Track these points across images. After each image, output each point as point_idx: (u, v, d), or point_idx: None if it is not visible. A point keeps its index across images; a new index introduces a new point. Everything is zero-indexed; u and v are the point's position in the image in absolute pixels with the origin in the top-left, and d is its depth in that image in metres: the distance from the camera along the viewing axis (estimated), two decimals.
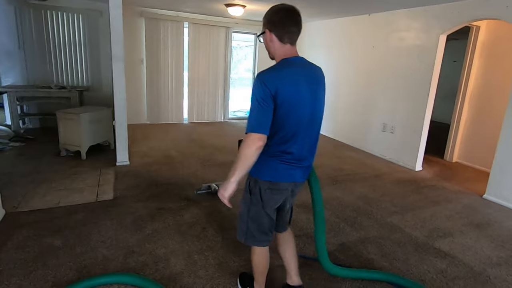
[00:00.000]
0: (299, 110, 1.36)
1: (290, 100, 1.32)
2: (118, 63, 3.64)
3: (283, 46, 1.39)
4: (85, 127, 3.92)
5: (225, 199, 1.39)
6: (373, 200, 3.27)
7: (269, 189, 1.45)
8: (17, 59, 5.13)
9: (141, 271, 2.00)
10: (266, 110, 1.29)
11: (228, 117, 7.00)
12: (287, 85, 1.31)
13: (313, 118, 1.43)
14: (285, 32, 1.36)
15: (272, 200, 1.49)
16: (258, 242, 1.58)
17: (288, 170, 1.43)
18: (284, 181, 1.46)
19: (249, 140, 1.29)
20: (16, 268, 1.95)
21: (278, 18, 1.36)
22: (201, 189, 3.16)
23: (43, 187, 3.11)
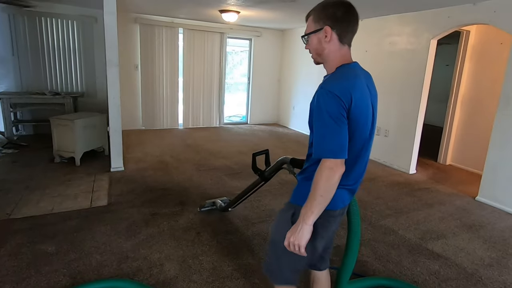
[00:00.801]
0: (365, 127, 1.14)
1: (360, 116, 1.09)
2: (113, 69, 3.65)
3: (341, 48, 1.13)
4: (79, 133, 3.92)
5: (301, 249, 1.08)
6: (367, 203, 3.30)
7: (331, 218, 1.21)
8: (11, 66, 5.12)
9: (135, 276, 1.99)
10: (342, 128, 1.04)
11: (223, 122, 7.02)
12: (360, 99, 1.08)
13: (371, 135, 1.20)
14: (349, 30, 1.11)
15: (327, 230, 1.23)
16: (286, 282, 1.31)
17: (343, 194, 1.20)
18: (339, 207, 1.21)
19: (331, 168, 1.02)
20: (9, 275, 1.94)
21: (341, 12, 1.10)
22: (205, 206, 2.92)
23: (37, 194, 3.09)
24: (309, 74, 6.39)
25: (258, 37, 6.93)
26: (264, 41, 7.02)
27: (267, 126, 7.22)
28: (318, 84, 1.13)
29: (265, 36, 7.00)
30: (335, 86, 1.05)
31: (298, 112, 6.84)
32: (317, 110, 1.06)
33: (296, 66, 6.80)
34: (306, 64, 6.45)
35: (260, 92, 7.25)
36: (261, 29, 6.89)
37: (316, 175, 1.05)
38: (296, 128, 6.94)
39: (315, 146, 1.08)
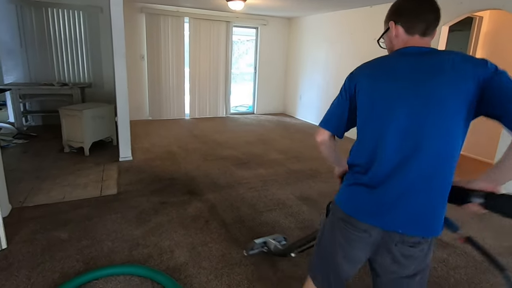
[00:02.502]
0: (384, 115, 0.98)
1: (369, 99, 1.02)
2: (120, 59, 3.65)
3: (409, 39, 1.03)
4: (88, 124, 3.95)
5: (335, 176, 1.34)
6: None
7: (341, 220, 1.07)
8: (19, 57, 5.16)
9: (146, 262, 2.03)
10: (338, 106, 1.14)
11: (230, 112, 7.01)
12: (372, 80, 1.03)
13: (420, 133, 0.94)
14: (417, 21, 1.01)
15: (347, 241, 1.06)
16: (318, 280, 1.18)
17: (368, 200, 1.01)
18: (360, 216, 1.03)
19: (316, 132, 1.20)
20: (25, 260, 1.99)
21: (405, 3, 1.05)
22: (254, 248, 2.13)
23: (48, 183, 3.15)
24: (316, 63, 6.31)
25: (264, 25, 6.84)
26: (270, 29, 6.93)
27: (273, 116, 7.19)
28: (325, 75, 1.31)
29: (272, 24, 6.91)
30: (355, 70, 1.11)
31: (305, 101, 6.79)
32: None
33: (303, 55, 6.72)
34: (313, 53, 6.37)
35: (266, 82, 7.20)
36: (268, 18, 6.80)
37: None
38: (303, 118, 6.90)
39: None
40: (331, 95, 5.87)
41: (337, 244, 1.09)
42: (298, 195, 3.13)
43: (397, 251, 1.01)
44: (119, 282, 1.85)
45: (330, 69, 5.89)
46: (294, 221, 2.64)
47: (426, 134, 0.93)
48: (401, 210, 0.98)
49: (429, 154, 0.94)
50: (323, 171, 3.77)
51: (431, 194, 0.97)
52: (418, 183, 0.96)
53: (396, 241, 1.00)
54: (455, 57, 0.93)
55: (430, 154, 0.94)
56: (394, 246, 1.00)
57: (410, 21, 1.01)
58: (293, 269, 2.04)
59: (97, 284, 1.82)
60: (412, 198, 0.96)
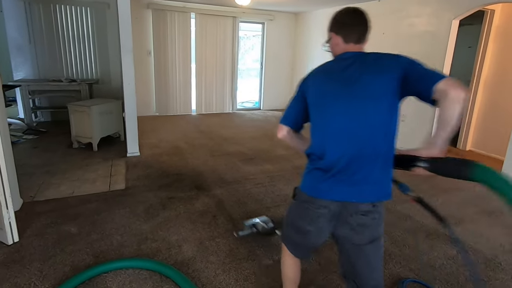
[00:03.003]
0: (328, 107, 1.19)
1: (316, 97, 1.24)
2: (127, 55, 3.66)
3: (346, 46, 1.26)
4: (96, 119, 3.99)
5: None
6: None
7: (304, 201, 1.26)
8: (28, 54, 5.21)
9: (154, 256, 2.05)
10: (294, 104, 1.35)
11: (236, 108, 7.01)
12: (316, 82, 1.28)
13: (359, 118, 1.13)
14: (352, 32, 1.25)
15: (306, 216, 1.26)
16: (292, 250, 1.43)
17: (325, 181, 1.18)
18: (321, 196, 1.20)
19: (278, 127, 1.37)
20: (37, 253, 2.03)
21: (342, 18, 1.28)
22: (244, 230, 2.30)
23: (58, 178, 3.19)
24: (323, 58, 6.23)
25: (271, 20, 6.80)
26: (277, 25, 6.88)
27: (280, 111, 7.15)
28: None
29: (278, 19, 6.86)
30: (306, 76, 1.33)
31: None
32: None
33: (310, 50, 6.66)
34: (320, 48, 6.31)
35: (273, 77, 7.17)
36: (274, 13, 6.75)
37: None
38: None
39: None
40: None
41: (303, 221, 1.28)
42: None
43: (353, 221, 1.19)
44: (128, 275, 1.88)
45: None
46: None
47: (364, 118, 1.14)
48: (352, 183, 1.16)
49: (369, 133, 1.14)
50: None
51: (375, 167, 1.16)
52: (363, 158, 1.14)
53: (352, 211, 1.18)
54: (376, 55, 1.21)
55: (369, 132, 1.14)
56: (350, 217, 1.19)
57: (346, 33, 1.24)
58: None
59: (107, 277, 1.85)
60: (360, 172, 1.15)
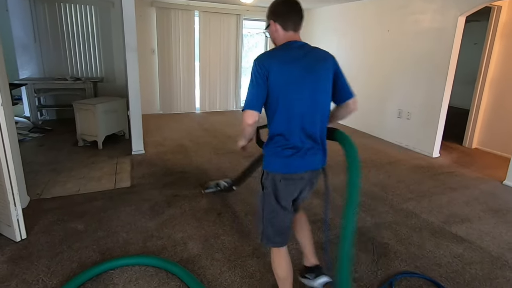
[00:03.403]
0: (292, 89, 1.33)
1: (281, 79, 1.32)
2: (132, 53, 3.67)
3: (285, 34, 1.41)
4: (101, 117, 4.01)
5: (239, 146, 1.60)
6: (388, 186, 3.25)
7: (284, 179, 1.39)
8: (33, 52, 5.25)
9: (160, 253, 2.06)
10: (258, 88, 1.33)
11: (240, 106, 7.00)
12: (279, 65, 1.33)
13: (316, 99, 1.37)
14: (289, 20, 1.40)
15: (287, 191, 1.42)
16: (274, 243, 1.51)
17: (297, 158, 1.37)
18: (297, 171, 1.40)
19: (244, 116, 1.36)
20: (44, 250, 2.05)
21: (280, 7, 1.42)
22: (209, 188, 2.93)
23: (64, 176, 3.22)
24: None
25: None
26: None
27: None
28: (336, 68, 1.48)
29: None
30: (260, 58, 1.36)
31: None
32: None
33: None
34: (324, 46, 6.27)
35: None
36: None
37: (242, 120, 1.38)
38: None
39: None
40: None
41: (285, 199, 1.43)
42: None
43: (314, 182, 1.52)
44: (134, 272, 1.89)
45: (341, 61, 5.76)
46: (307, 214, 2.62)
47: (318, 101, 1.38)
48: (315, 154, 1.42)
49: (320, 114, 1.40)
50: (333, 164, 3.73)
51: (324, 140, 1.46)
52: (318, 134, 1.41)
53: (316, 175, 1.49)
54: (319, 49, 1.45)
55: (321, 114, 1.40)
56: (314, 180, 1.50)
57: (284, 21, 1.39)
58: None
59: (114, 274, 1.86)
60: (318, 144, 1.43)
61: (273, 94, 1.33)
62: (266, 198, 1.45)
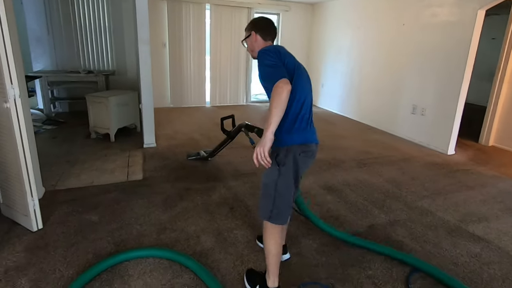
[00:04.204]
0: (299, 74, 1.53)
1: (291, 63, 1.52)
2: (144, 46, 3.67)
3: (265, 43, 1.68)
4: (114, 110, 4.03)
5: (265, 153, 1.37)
6: (402, 183, 3.20)
7: (303, 152, 1.52)
8: (47, 45, 5.29)
9: (174, 246, 2.07)
10: (281, 66, 1.45)
11: (250, 100, 6.98)
12: (284, 52, 1.56)
13: (309, 90, 1.61)
14: (268, 33, 1.69)
15: (305, 164, 1.57)
16: (282, 220, 1.57)
17: (309, 130, 1.57)
18: (314, 141, 1.59)
19: (280, 86, 1.37)
20: (60, 240, 2.07)
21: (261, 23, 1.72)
22: (191, 156, 3.57)
23: (77, 168, 3.26)
24: (339, 50, 6.13)
25: (286, 11, 6.69)
26: (292, 15, 6.77)
27: None
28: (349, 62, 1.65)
29: (294, 10, 6.74)
30: (266, 48, 1.54)
31: (328, 90, 6.65)
32: (261, 66, 1.50)
33: (326, 42, 6.54)
34: (337, 40, 6.19)
35: None
36: (290, 3, 6.63)
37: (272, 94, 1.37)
38: (324, 107, 6.77)
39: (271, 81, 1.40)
40: (355, 83, 5.71)
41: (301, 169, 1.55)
42: (322, 184, 3.09)
43: (315, 155, 1.65)
44: (148, 264, 1.90)
45: (355, 56, 5.71)
46: (319, 210, 2.61)
47: (309, 90, 1.61)
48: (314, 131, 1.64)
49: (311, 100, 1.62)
50: (346, 160, 3.69)
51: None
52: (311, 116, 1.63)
53: (317, 149, 1.64)
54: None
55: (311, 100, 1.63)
56: (315, 153, 1.63)
57: (265, 34, 1.68)
58: (316, 256, 2.02)
59: (128, 266, 1.88)
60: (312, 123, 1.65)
61: (289, 75, 1.47)
62: (284, 175, 1.51)
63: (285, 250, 1.99)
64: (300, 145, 1.52)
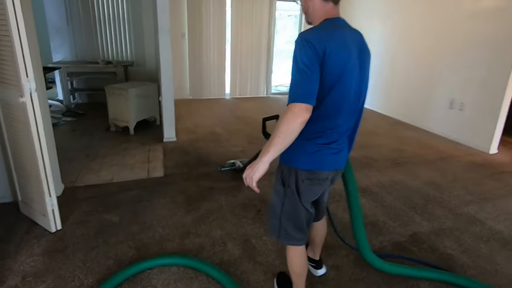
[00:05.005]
0: (346, 80, 1.12)
1: (338, 67, 1.08)
2: (164, 35, 3.48)
3: (325, 5, 1.16)
4: (133, 102, 3.90)
5: (253, 182, 1.14)
6: (442, 186, 2.92)
7: (307, 180, 1.22)
8: (66, 35, 5.21)
9: (199, 253, 1.91)
10: (313, 76, 1.05)
11: (271, 92, 6.73)
12: (337, 48, 1.07)
13: (360, 92, 1.21)
14: None
15: (310, 192, 1.27)
16: (294, 241, 1.36)
17: (330, 155, 1.21)
18: (326, 169, 1.23)
19: (294, 112, 1.04)
20: (80, 243, 1.95)
21: None
22: (225, 166, 3.06)
23: (97, 162, 3.15)
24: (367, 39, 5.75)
25: None
26: None
27: None
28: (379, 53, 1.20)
29: None
30: (311, 35, 1.07)
31: None
32: (293, 58, 1.08)
33: None
34: (364, 28, 5.80)
35: None
36: None
37: (281, 117, 1.07)
38: None
39: (290, 92, 1.08)
40: (385, 75, 5.35)
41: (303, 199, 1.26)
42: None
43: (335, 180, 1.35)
44: (173, 273, 1.75)
45: (386, 47, 5.33)
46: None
47: (361, 95, 1.23)
48: (344, 153, 1.29)
49: (360, 109, 1.27)
50: (379, 159, 3.43)
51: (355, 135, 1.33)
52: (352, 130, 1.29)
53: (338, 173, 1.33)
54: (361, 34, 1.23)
55: (360, 109, 1.27)
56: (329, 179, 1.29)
57: None
58: (355, 270, 1.82)
59: (151, 274, 1.73)
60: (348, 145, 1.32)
61: (325, 83, 1.07)
62: (290, 197, 1.28)
63: (320, 265, 1.78)
64: (304, 170, 1.21)
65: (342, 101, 1.14)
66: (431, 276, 1.77)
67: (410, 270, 1.79)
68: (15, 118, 1.92)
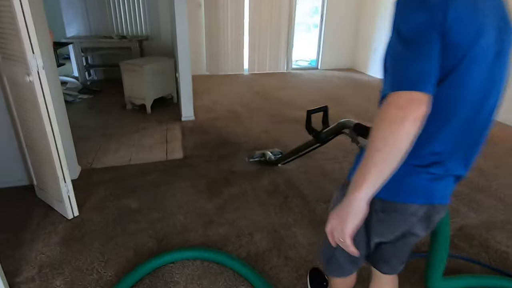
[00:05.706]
0: (471, 67, 0.67)
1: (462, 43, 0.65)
2: (181, 5, 3.20)
3: None
4: (149, 79, 3.71)
5: (346, 238, 0.72)
6: (487, 172, 2.62)
7: (382, 212, 0.83)
8: (79, 9, 4.98)
9: (223, 246, 1.76)
10: (428, 49, 0.64)
11: (291, 67, 6.37)
12: (465, 13, 0.64)
13: (490, 90, 0.73)
14: None
15: (385, 228, 0.87)
16: (343, 273, 1.08)
17: (425, 181, 0.78)
18: (413, 201, 0.80)
19: (401, 105, 0.63)
20: (97, 232, 1.84)
21: None
22: (254, 157, 2.69)
23: (114, 142, 3.02)
24: None
25: None
26: None
27: (341, 72, 6.37)
28: None
29: None
30: None
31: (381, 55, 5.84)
32: (393, 25, 0.68)
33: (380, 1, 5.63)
34: None
35: (333, 32, 6.30)
36: None
37: (375, 119, 0.66)
38: (376, 75, 6.00)
39: (390, 78, 0.68)
40: None
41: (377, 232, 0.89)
42: None
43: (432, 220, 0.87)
44: (196, 268, 1.61)
45: None
46: None
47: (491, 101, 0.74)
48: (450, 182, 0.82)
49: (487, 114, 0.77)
50: None
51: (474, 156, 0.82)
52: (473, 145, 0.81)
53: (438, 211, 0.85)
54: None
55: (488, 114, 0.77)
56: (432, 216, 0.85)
57: None
58: None
59: (173, 269, 1.60)
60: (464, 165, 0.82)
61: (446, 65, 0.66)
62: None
63: None
64: (378, 199, 0.76)
65: (457, 101, 0.71)
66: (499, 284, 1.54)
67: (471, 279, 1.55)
68: (24, 98, 1.76)
